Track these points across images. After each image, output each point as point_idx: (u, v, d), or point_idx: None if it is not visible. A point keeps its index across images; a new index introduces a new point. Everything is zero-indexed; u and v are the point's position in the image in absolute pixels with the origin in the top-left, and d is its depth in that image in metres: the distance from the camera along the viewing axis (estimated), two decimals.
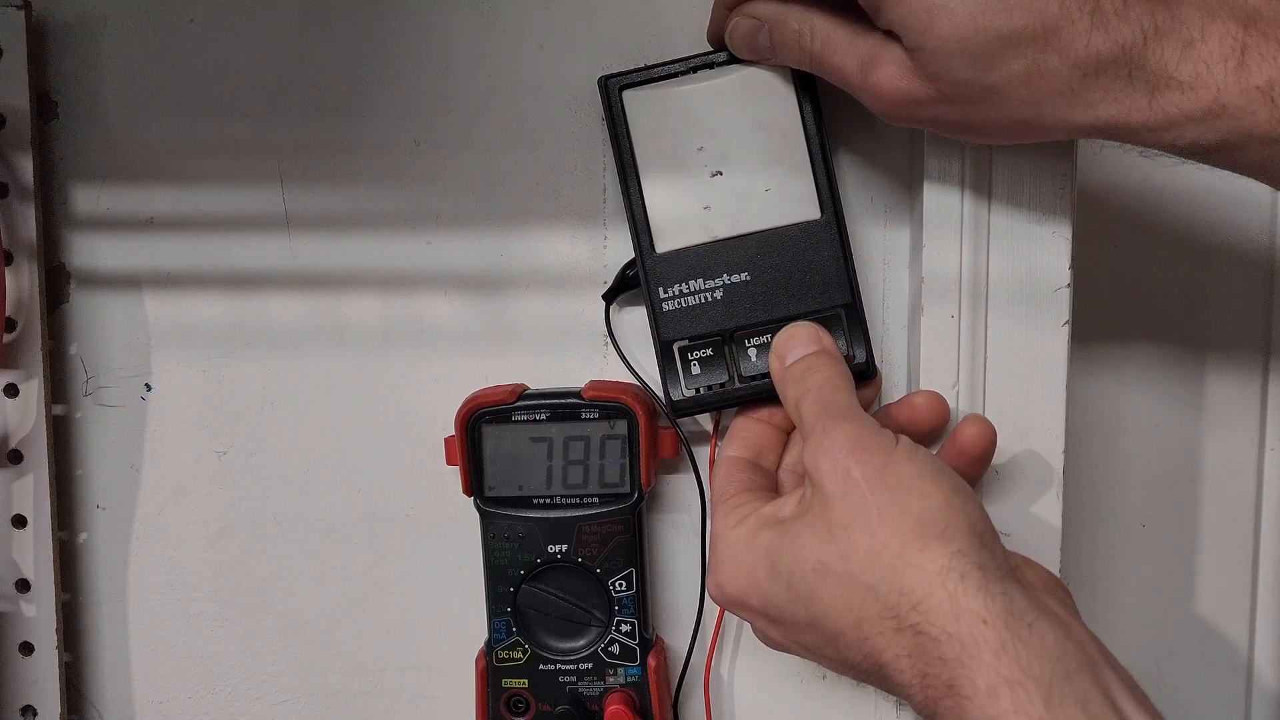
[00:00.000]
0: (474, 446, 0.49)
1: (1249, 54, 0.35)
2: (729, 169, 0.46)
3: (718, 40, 0.45)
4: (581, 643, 0.50)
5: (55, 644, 0.53)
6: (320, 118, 0.51)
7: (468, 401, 0.49)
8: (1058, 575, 0.46)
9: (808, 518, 0.39)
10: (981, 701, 0.34)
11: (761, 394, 0.46)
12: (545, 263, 0.51)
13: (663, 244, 0.47)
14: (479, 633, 0.51)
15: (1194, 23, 0.35)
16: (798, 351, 0.43)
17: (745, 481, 0.44)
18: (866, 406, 0.45)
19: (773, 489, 0.45)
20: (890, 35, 0.38)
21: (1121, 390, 0.54)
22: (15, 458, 0.52)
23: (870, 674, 0.38)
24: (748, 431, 0.46)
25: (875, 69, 0.39)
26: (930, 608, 0.35)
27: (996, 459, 0.46)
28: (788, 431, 0.46)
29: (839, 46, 0.40)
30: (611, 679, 0.49)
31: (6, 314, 0.51)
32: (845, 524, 0.37)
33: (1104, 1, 0.36)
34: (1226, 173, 0.38)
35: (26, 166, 0.51)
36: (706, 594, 0.50)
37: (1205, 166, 0.38)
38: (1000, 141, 0.42)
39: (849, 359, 0.46)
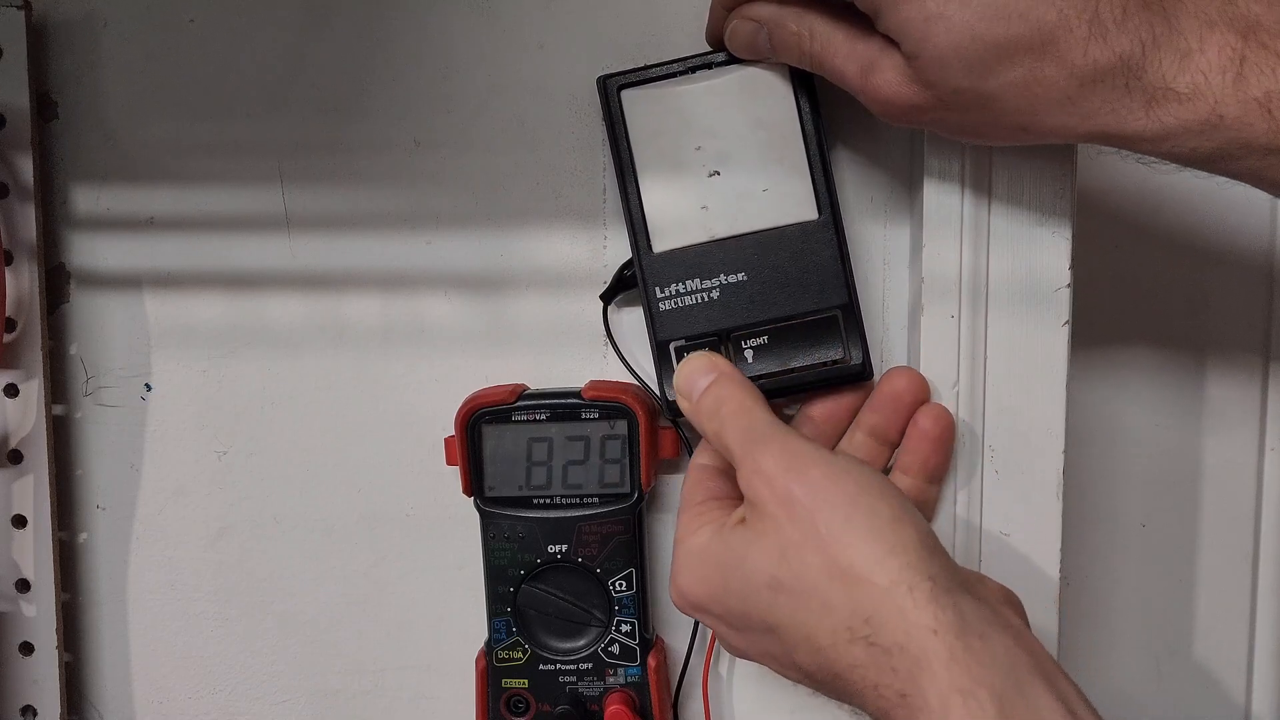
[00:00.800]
0: (474, 446, 0.49)
1: (1247, 65, 0.35)
2: (727, 169, 0.46)
3: (716, 41, 0.45)
4: (581, 643, 0.50)
5: (55, 644, 0.53)
6: (320, 118, 0.51)
7: (468, 401, 0.49)
8: (1057, 577, 0.46)
9: (754, 535, 0.39)
10: (934, 712, 0.34)
11: None
12: (545, 263, 0.51)
13: (660, 243, 0.47)
14: (479, 633, 0.51)
15: (1192, 33, 0.35)
16: (700, 383, 0.43)
17: (713, 489, 0.44)
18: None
19: (737, 495, 0.44)
20: (890, 40, 0.39)
21: (1121, 390, 0.54)
22: (15, 458, 0.52)
23: (826, 684, 0.38)
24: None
25: (875, 73, 0.39)
26: (881, 621, 0.35)
27: (997, 459, 0.46)
28: None
29: (839, 49, 0.40)
30: (611, 679, 0.49)
31: (6, 314, 0.51)
32: (796, 543, 0.37)
33: (1103, 11, 0.35)
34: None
35: (26, 166, 0.51)
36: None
37: (1204, 173, 0.38)
38: (998, 144, 0.42)
39: (846, 360, 0.46)
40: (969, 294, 0.45)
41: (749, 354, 0.46)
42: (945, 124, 0.40)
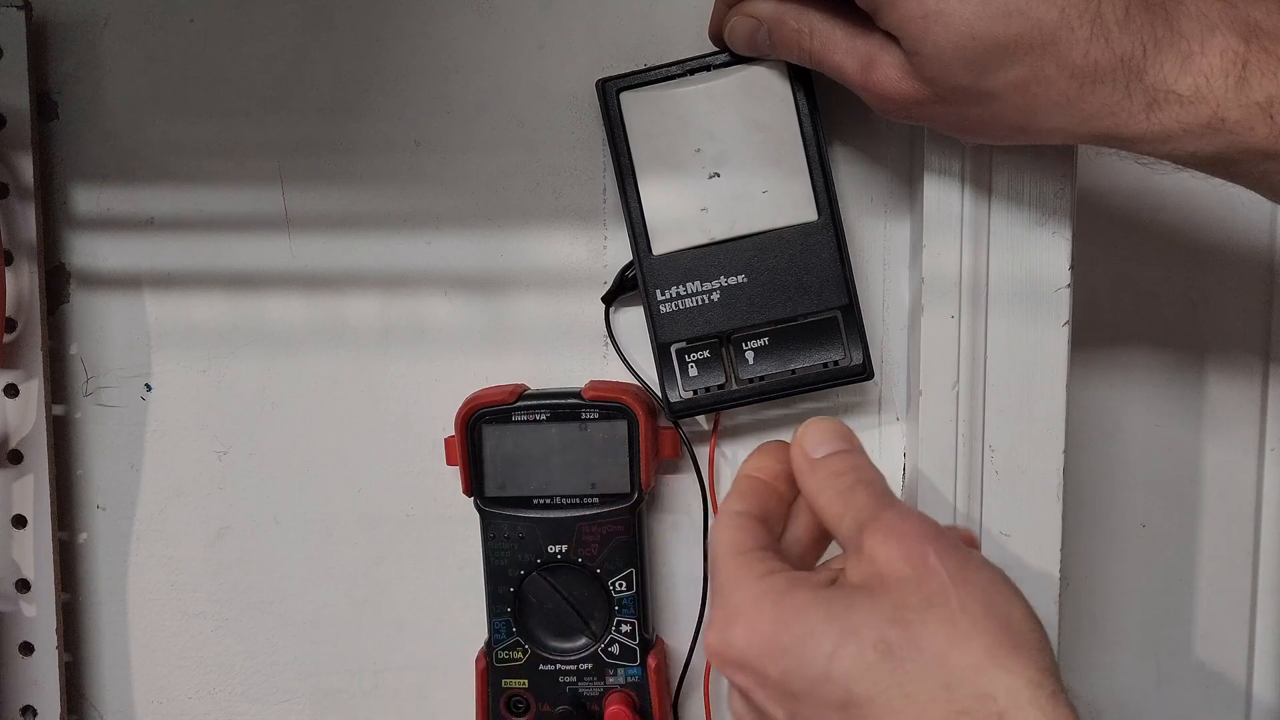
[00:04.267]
0: (474, 446, 0.48)
1: (1249, 69, 0.35)
2: (726, 171, 0.46)
3: (719, 39, 0.45)
4: (581, 643, 0.50)
5: (55, 644, 0.53)
6: (320, 118, 0.51)
7: (468, 401, 0.49)
8: (1057, 577, 0.46)
9: (865, 591, 0.34)
10: None
11: (759, 395, 0.47)
12: (545, 263, 0.51)
13: (660, 246, 0.47)
14: (479, 633, 0.51)
15: (1194, 36, 0.35)
16: (828, 445, 0.39)
17: (760, 536, 0.38)
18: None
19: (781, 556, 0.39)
20: (890, 35, 0.38)
21: (1121, 391, 0.54)
22: (15, 458, 0.52)
23: None
24: (753, 489, 0.41)
25: (874, 69, 0.39)
26: (1016, 719, 0.31)
27: (997, 459, 0.46)
28: (790, 501, 0.41)
29: (838, 45, 0.40)
30: (611, 679, 0.49)
31: (6, 314, 0.51)
32: (920, 609, 0.33)
33: (1105, 11, 0.35)
34: None
35: (26, 166, 0.51)
36: (705, 594, 0.50)
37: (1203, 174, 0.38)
38: (996, 142, 0.42)
39: (846, 361, 0.46)
40: (969, 294, 0.45)
41: (749, 355, 0.46)
42: (944, 120, 0.40)
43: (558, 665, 0.50)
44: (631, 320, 0.50)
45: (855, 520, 0.36)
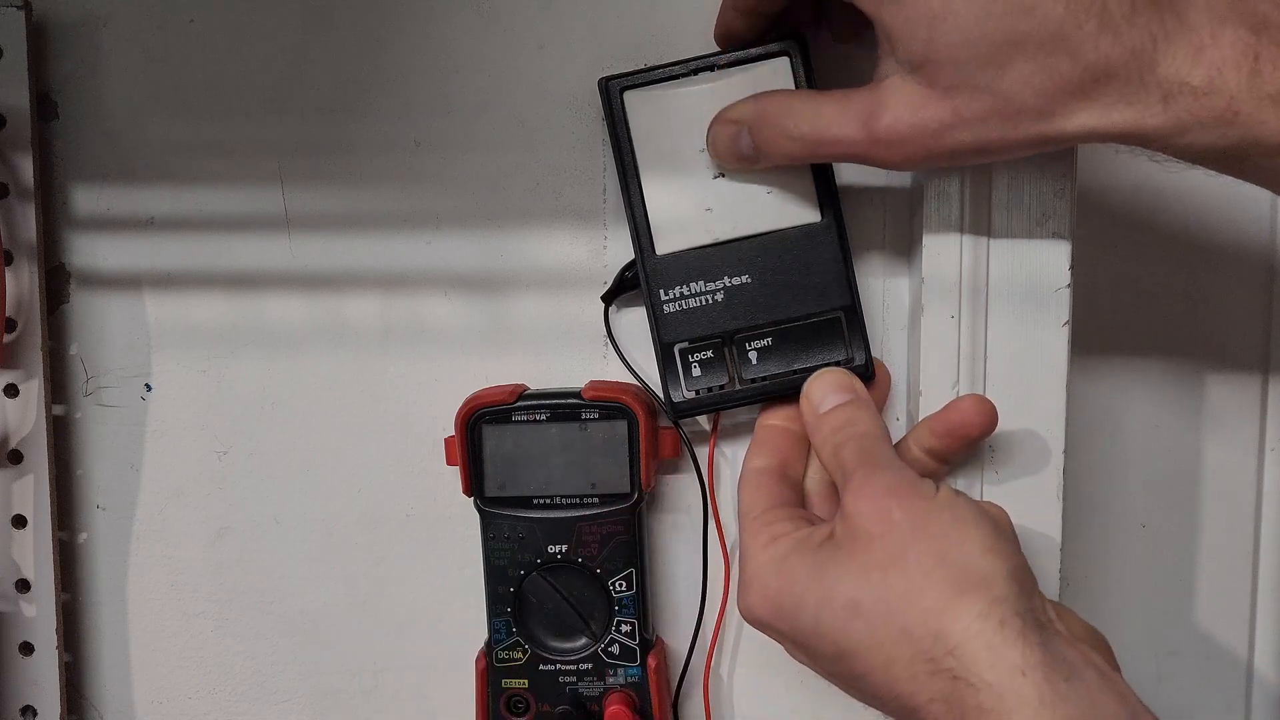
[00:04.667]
0: (474, 446, 0.49)
1: (1262, 61, 0.35)
2: (730, 171, 0.46)
3: (724, 39, 0.45)
4: (581, 643, 0.50)
5: (55, 644, 0.53)
6: (320, 118, 0.51)
7: (468, 401, 0.49)
8: (1057, 577, 0.46)
9: (841, 552, 0.38)
10: None
11: (761, 395, 0.47)
12: (545, 263, 0.51)
13: (663, 246, 0.47)
14: (479, 633, 0.51)
15: (1204, 28, 0.35)
16: (833, 398, 0.43)
17: (775, 495, 0.43)
18: (879, 406, 0.46)
19: (800, 501, 0.45)
20: (879, 82, 0.38)
21: (1121, 391, 0.54)
22: (15, 458, 0.52)
23: (899, 714, 0.37)
24: (771, 440, 0.46)
25: (880, 116, 0.38)
26: (967, 654, 0.35)
27: (997, 459, 0.46)
28: (807, 439, 0.45)
29: (828, 117, 0.40)
30: (611, 679, 0.49)
31: (6, 314, 0.51)
32: (882, 565, 0.37)
33: (1111, 6, 0.35)
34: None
35: (26, 166, 0.51)
36: (706, 595, 0.50)
37: (1208, 170, 0.38)
38: (1024, 153, 0.41)
39: (849, 361, 0.46)
40: (969, 294, 0.45)
41: (753, 355, 0.46)
42: (964, 144, 0.38)
43: (558, 665, 0.50)
44: (631, 320, 0.50)
45: (842, 477, 0.40)
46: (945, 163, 0.41)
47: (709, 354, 0.47)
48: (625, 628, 0.49)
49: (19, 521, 0.53)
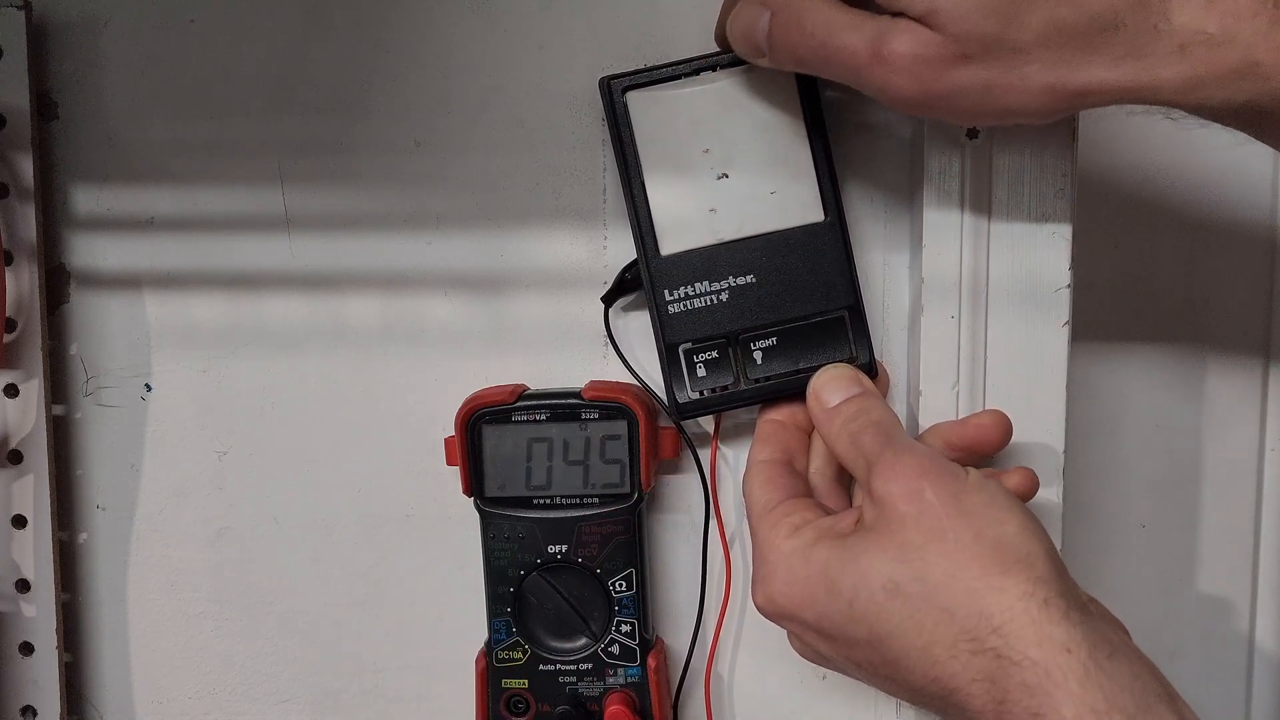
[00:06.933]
0: (474, 446, 0.49)
1: None
2: (734, 171, 0.46)
3: (724, 40, 0.45)
4: (581, 643, 0.50)
5: (55, 644, 0.53)
6: (320, 118, 0.51)
7: (468, 401, 0.49)
8: None
9: (874, 535, 0.38)
10: None
11: (767, 395, 0.47)
12: (545, 263, 0.51)
13: (668, 246, 0.47)
14: (479, 633, 0.51)
15: None
16: (840, 394, 0.43)
17: (787, 487, 0.43)
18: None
19: (809, 493, 0.44)
20: (895, 18, 0.37)
21: (1122, 391, 0.54)
22: (15, 458, 0.52)
23: (935, 699, 0.37)
24: (776, 434, 0.46)
25: (888, 41, 0.37)
26: (1012, 631, 0.34)
27: (997, 459, 0.46)
28: (809, 432, 0.46)
29: (842, 24, 0.38)
30: (611, 679, 0.49)
31: (6, 314, 0.51)
32: (919, 545, 0.36)
33: None
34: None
35: (26, 166, 0.51)
36: (706, 595, 0.50)
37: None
38: (1028, 119, 0.39)
39: (852, 360, 0.46)
40: (969, 294, 0.45)
41: (758, 355, 0.46)
42: (967, 88, 0.37)
43: (558, 665, 0.50)
44: (632, 320, 0.50)
45: (865, 463, 0.39)
46: (944, 107, 0.38)
47: (714, 354, 0.47)
48: (625, 628, 0.49)
49: (19, 521, 0.53)
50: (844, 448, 0.42)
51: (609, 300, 0.50)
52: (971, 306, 0.45)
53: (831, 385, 0.44)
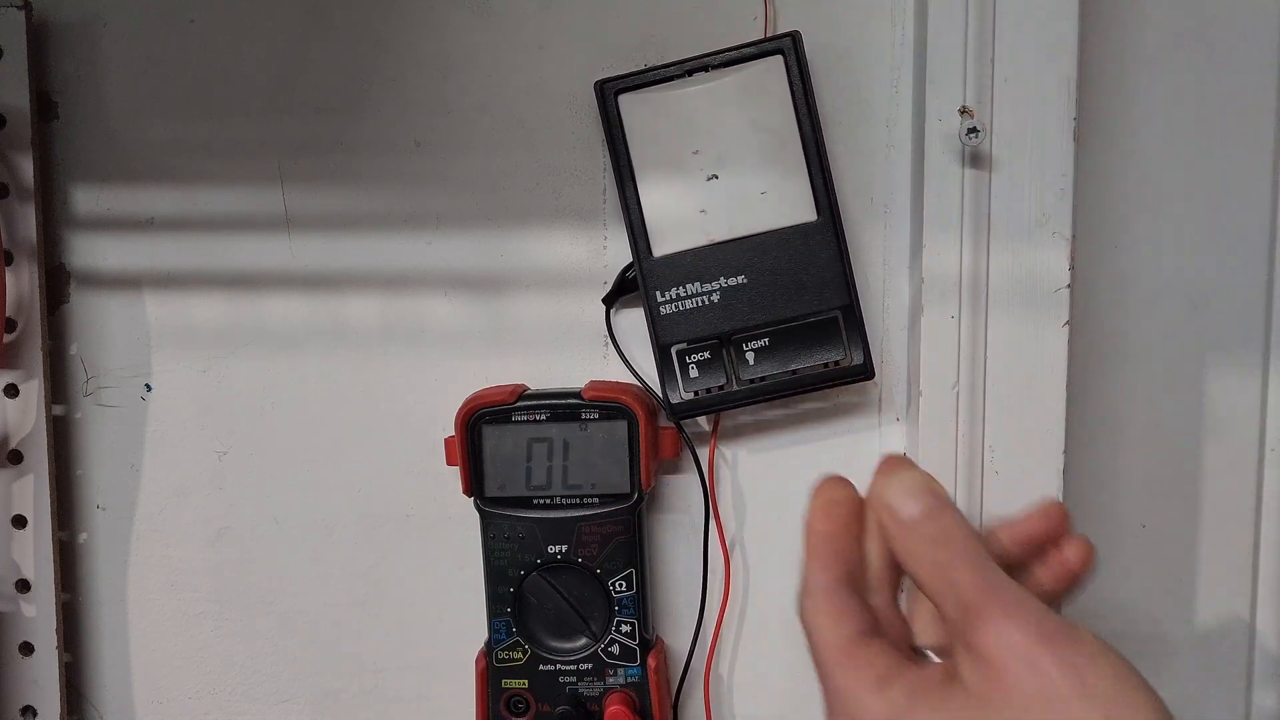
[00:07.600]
0: (474, 446, 0.49)
1: None
2: (725, 172, 0.46)
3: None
4: (581, 643, 0.50)
5: (55, 644, 0.53)
6: (320, 118, 0.51)
7: (468, 401, 0.49)
8: None
9: (977, 703, 0.33)
10: None
11: (760, 396, 0.47)
12: (545, 263, 0.51)
13: (660, 247, 0.47)
14: (479, 633, 0.51)
15: None
16: (917, 506, 0.37)
17: (858, 620, 0.37)
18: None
19: (878, 624, 0.38)
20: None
21: (1122, 390, 0.54)
22: (15, 458, 0.52)
23: None
24: (829, 549, 0.39)
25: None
26: None
27: (997, 459, 0.46)
28: (861, 536, 0.39)
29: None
30: (611, 679, 0.49)
31: (6, 314, 0.51)
32: None
33: None
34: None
35: (26, 166, 0.51)
36: (706, 595, 0.50)
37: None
38: None
39: (847, 361, 0.46)
40: (969, 294, 0.45)
41: (750, 356, 0.46)
42: None
43: (558, 665, 0.50)
44: (632, 320, 0.50)
45: (959, 604, 0.35)
46: None
47: (706, 355, 0.47)
48: (625, 628, 0.49)
49: (19, 521, 0.53)
50: (927, 575, 0.37)
51: (610, 301, 0.50)
52: (971, 306, 0.45)
53: (905, 497, 0.38)
